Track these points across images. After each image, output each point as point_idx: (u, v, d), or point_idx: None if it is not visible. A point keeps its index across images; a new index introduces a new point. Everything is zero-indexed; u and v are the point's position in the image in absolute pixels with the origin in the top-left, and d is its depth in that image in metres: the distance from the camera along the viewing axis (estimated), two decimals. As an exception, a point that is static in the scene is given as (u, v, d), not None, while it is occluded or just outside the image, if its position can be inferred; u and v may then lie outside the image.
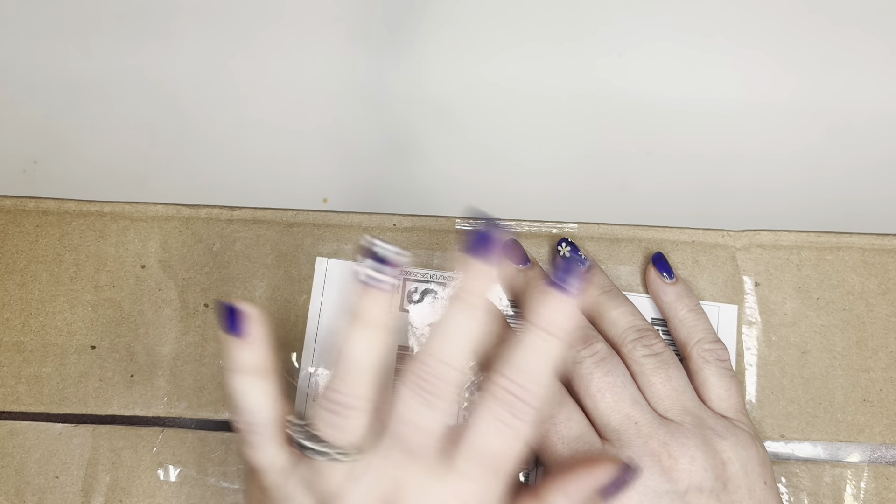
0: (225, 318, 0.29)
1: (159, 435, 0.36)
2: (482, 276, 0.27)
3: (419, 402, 0.27)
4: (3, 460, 0.36)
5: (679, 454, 0.31)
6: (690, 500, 0.30)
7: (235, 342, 0.29)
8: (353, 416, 0.28)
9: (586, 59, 0.51)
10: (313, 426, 0.29)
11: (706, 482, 0.31)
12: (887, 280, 0.36)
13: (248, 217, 0.37)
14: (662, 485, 0.30)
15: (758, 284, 0.37)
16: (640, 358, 0.33)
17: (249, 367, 0.29)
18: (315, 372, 0.36)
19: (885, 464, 0.35)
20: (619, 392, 0.32)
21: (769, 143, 0.49)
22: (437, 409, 0.27)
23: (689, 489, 0.30)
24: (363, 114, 0.51)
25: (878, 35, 0.50)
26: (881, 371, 0.36)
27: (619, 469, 0.29)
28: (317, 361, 0.37)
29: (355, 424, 0.28)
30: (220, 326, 0.30)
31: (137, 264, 0.37)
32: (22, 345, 0.37)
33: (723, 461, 0.31)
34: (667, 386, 0.33)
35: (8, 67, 0.52)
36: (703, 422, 0.32)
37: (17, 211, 0.38)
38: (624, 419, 0.32)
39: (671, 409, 0.32)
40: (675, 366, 0.33)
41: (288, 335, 0.37)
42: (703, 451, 0.31)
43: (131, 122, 0.52)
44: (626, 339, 0.33)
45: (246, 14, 0.53)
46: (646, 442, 0.31)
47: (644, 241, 0.37)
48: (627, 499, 0.30)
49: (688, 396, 0.33)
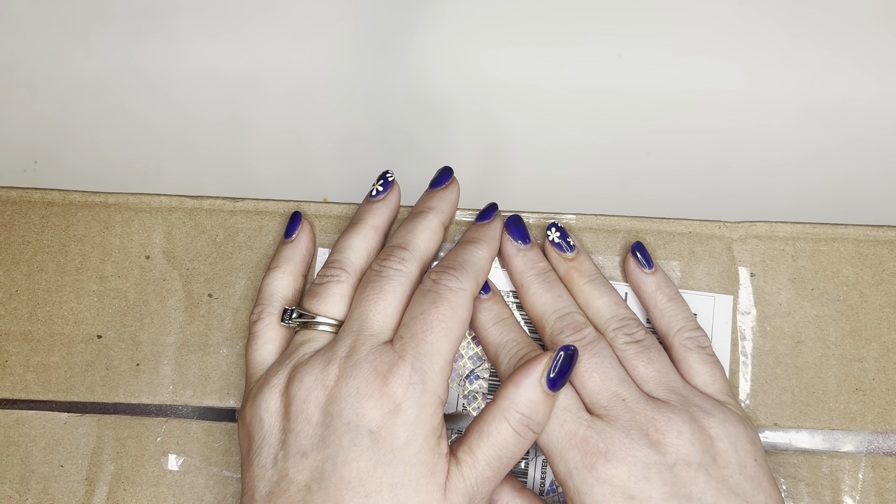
0: (287, 225, 0.37)
1: (164, 425, 0.37)
2: (439, 198, 0.35)
3: (372, 286, 0.33)
4: (9, 449, 0.37)
5: (666, 429, 0.31)
6: (679, 473, 0.31)
7: (284, 242, 0.36)
8: (330, 284, 0.33)
9: (586, 56, 0.52)
10: (301, 306, 0.34)
11: (694, 456, 0.31)
12: (881, 271, 0.37)
13: (250, 208, 0.38)
14: (651, 456, 0.31)
15: (753, 275, 0.37)
16: (621, 345, 0.34)
17: (282, 261, 0.36)
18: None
19: (882, 454, 0.36)
20: (607, 372, 0.33)
21: (766, 138, 0.50)
22: (385, 290, 0.32)
23: (677, 462, 0.31)
24: (363, 111, 0.52)
25: (874, 30, 0.51)
26: (874, 361, 0.36)
27: (558, 352, 0.31)
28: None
29: (331, 290, 0.33)
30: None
31: (142, 255, 0.38)
32: (29, 334, 0.37)
33: (710, 437, 0.32)
34: (649, 368, 0.33)
35: (8, 66, 0.53)
36: (689, 400, 0.33)
37: (23, 202, 0.38)
38: (612, 397, 0.32)
39: (656, 389, 0.33)
40: (656, 349, 0.34)
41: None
42: (690, 426, 0.31)
43: (132, 122, 0.52)
44: (609, 327, 0.34)
45: (247, 12, 0.53)
46: (633, 417, 0.32)
47: (641, 232, 0.37)
48: (616, 469, 0.31)
49: (671, 377, 0.33)
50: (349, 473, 0.29)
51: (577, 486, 0.31)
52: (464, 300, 0.32)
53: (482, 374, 0.37)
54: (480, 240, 0.35)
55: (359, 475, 0.29)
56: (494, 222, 0.36)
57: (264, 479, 0.30)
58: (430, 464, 0.30)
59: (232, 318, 0.37)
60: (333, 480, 0.29)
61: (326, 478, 0.29)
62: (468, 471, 0.30)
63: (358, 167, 0.50)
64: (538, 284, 0.35)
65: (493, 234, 0.35)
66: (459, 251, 0.34)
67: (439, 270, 0.33)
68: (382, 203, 0.36)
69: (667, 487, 0.30)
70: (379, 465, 0.29)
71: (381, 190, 0.36)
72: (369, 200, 0.36)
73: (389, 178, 0.36)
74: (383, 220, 0.35)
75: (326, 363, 0.31)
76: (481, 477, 0.31)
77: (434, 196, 0.36)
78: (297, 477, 0.30)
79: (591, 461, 0.31)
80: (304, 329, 0.33)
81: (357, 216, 0.36)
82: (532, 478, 0.36)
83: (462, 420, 0.36)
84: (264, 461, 0.31)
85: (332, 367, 0.31)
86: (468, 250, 0.34)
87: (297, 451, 0.30)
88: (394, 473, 0.29)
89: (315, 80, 0.52)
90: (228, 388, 0.37)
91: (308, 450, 0.30)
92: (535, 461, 0.36)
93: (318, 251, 0.38)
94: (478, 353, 0.37)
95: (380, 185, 0.36)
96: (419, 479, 0.30)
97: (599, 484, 0.31)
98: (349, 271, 0.34)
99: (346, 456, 0.29)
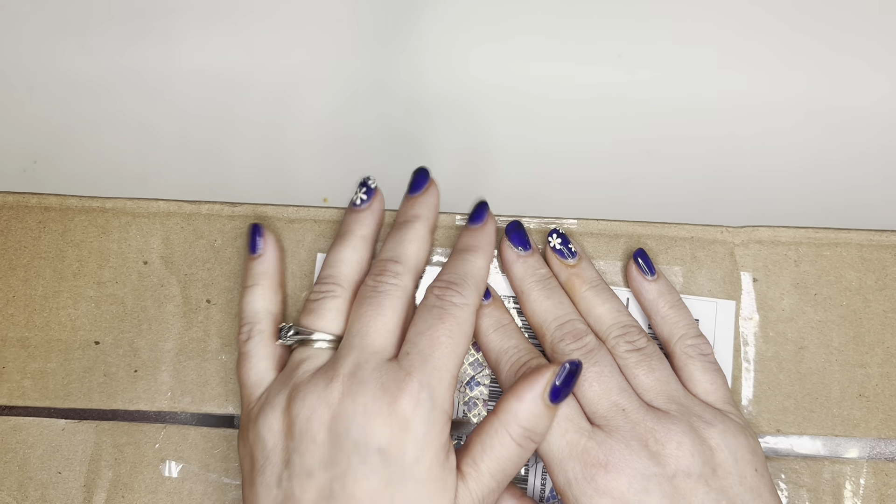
0: (248, 240, 0.36)
1: (162, 431, 0.36)
2: (421, 204, 0.35)
3: (370, 302, 0.32)
4: (7, 455, 0.36)
5: (666, 440, 0.31)
6: (679, 485, 0.31)
7: (251, 258, 0.35)
8: (325, 300, 0.33)
9: (586, 57, 0.52)
10: (297, 323, 0.34)
11: (694, 467, 0.31)
12: (885, 276, 0.37)
13: (249, 213, 0.38)
14: (650, 467, 0.31)
15: (756, 280, 0.37)
16: (623, 353, 0.34)
17: (256, 278, 0.35)
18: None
19: (884, 460, 0.36)
20: (607, 381, 0.32)
21: (768, 141, 0.50)
22: (384, 306, 0.32)
23: (676, 473, 0.31)
24: (363, 112, 0.51)
25: (878, 34, 0.51)
26: (877, 366, 0.36)
27: (562, 366, 0.31)
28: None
29: (327, 306, 0.33)
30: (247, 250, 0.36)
31: (140, 260, 0.38)
32: (26, 340, 0.37)
33: (711, 448, 0.31)
34: (650, 377, 0.33)
35: (7, 67, 0.52)
36: (689, 410, 0.32)
37: (20, 207, 0.38)
38: (612, 406, 0.32)
39: (657, 398, 0.33)
40: (657, 358, 0.34)
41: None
42: (691, 437, 0.31)
43: (131, 122, 0.52)
44: (611, 335, 0.34)
45: (246, 12, 0.53)
46: (633, 427, 0.31)
47: (643, 237, 0.37)
48: (616, 480, 0.31)
49: (672, 386, 0.33)
50: (359, 492, 0.29)
51: (577, 497, 0.31)
52: (468, 315, 0.32)
53: (483, 381, 0.36)
54: (477, 247, 0.35)
55: (370, 493, 0.29)
56: (488, 225, 0.36)
57: (269, 499, 0.30)
58: (440, 480, 0.30)
59: (230, 325, 0.37)
60: (343, 499, 0.29)
61: (335, 497, 0.29)
62: (473, 484, 0.30)
63: (356, 168, 0.50)
64: (539, 291, 0.35)
65: (488, 238, 0.35)
66: (458, 263, 0.34)
67: (442, 286, 0.33)
68: (368, 212, 0.35)
69: (666, 499, 0.30)
70: (390, 482, 0.29)
71: (364, 199, 0.36)
72: (354, 210, 0.36)
73: (371, 184, 0.36)
74: (370, 229, 0.35)
75: (329, 381, 0.31)
76: (486, 489, 0.31)
77: (416, 203, 0.36)
78: (304, 497, 0.29)
79: (591, 472, 0.31)
80: (301, 346, 0.33)
81: (344, 227, 0.35)
82: (532, 485, 0.36)
83: (463, 427, 0.36)
84: (268, 481, 0.30)
85: (336, 384, 0.31)
86: (467, 261, 0.34)
87: (303, 470, 0.30)
88: (405, 491, 0.29)
89: (313, 80, 0.52)
90: (227, 394, 0.36)
91: (314, 469, 0.30)
92: (535, 468, 0.36)
93: (318, 257, 0.37)
94: (478, 360, 0.36)
95: (363, 194, 0.36)
96: (430, 496, 0.29)
97: (599, 495, 0.30)
98: (343, 285, 0.34)
99: (355, 474, 0.29)
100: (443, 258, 0.37)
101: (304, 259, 0.37)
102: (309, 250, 0.37)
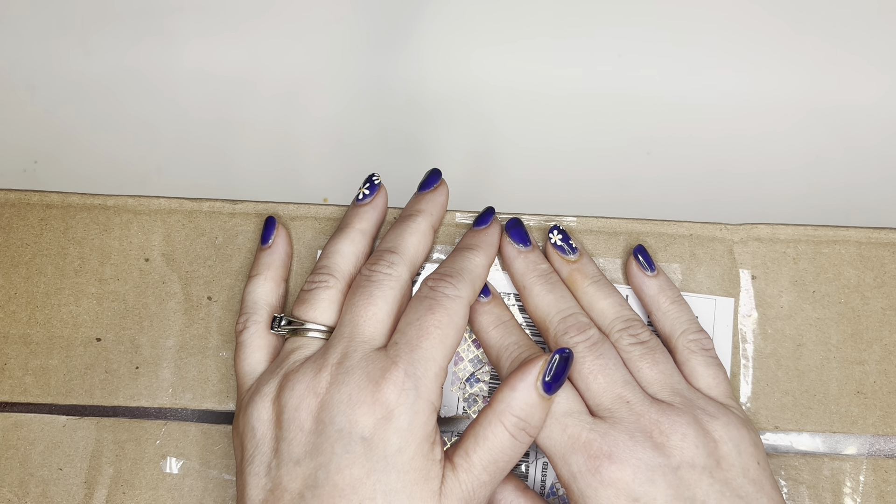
0: (262, 231, 0.36)
1: (163, 428, 0.37)
2: (427, 200, 0.35)
3: (362, 292, 0.32)
4: (8, 452, 0.36)
5: (670, 431, 0.31)
6: (683, 476, 0.31)
7: (261, 249, 0.36)
8: (318, 290, 0.33)
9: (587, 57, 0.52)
10: (291, 313, 0.34)
11: (698, 459, 0.31)
12: (883, 273, 0.37)
13: (250, 210, 0.38)
14: (655, 458, 0.31)
15: (755, 278, 0.37)
16: (626, 346, 0.34)
17: (261, 268, 0.35)
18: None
19: (883, 457, 0.36)
20: (611, 374, 0.33)
21: (767, 140, 0.50)
22: (375, 295, 0.32)
23: (681, 464, 0.31)
24: (364, 112, 0.52)
25: (877, 33, 0.51)
26: (875, 363, 0.36)
27: (553, 355, 0.31)
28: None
29: (320, 296, 0.33)
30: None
31: (141, 257, 0.38)
32: (28, 337, 0.37)
33: (714, 440, 0.32)
34: (654, 370, 0.33)
35: (8, 67, 0.53)
36: (693, 402, 0.33)
37: (22, 204, 0.38)
38: (616, 399, 0.32)
39: (661, 391, 0.33)
40: (661, 351, 0.34)
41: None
42: (695, 428, 0.31)
43: (132, 122, 0.52)
44: (614, 328, 0.34)
45: (246, 12, 0.53)
46: (638, 419, 0.32)
47: (642, 235, 0.37)
48: (621, 471, 0.31)
49: (676, 379, 0.33)
50: (342, 481, 0.29)
51: (582, 490, 0.31)
52: (460, 308, 0.32)
53: (483, 377, 0.36)
54: (477, 246, 0.35)
55: (352, 482, 0.29)
56: (492, 228, 0.36)
57: (258, 488, 0.30)
58: (423, 470, 0.30)
59: (231, 321, 0.37)
60: (327, 488, 0.29)
61: (320, 485, 0.29)
62: (464, 475, 0.30)
63: (358, 168, 0.50)
64: (541, 286, 0.35)
65: (490, 240, 0.35)
66: (456, 258, 0.34)
67: (436, 277, 0.33)
68: (369, 206, 0.35)
69: (671, 490, 0.30)
70: (372, 472, 0.29)
71: (367, 193, 0.36)
72: (356, 204, 0.36)
73: (376, 181, 0.36)
74: (371, 223, 0.35)
75: (318, 370, 0.31)
76: (478, 481, 0.31)
77: (423, 199, 0.36)
78: (291, 485, 0.30)
79: (596, 464, 0.31)
80: (294, 336, 0.33)
81: (344, 220, 0.36)
82: (533, 479, 0.36)
83: (463, 423, 0.36)
84: (257, 469, 0.31)
85: (324, 373, 0.31)
86: (465, 257, 0.34)
87: (290, 459, 0.30)
88: (387, 480, 0.29)
89: (314, 80, 0.52)
90: (228, 391, 0.37)
91: (301, 458, 0.30)
92: (535, 463, 0.36)
93: (317, 255, 0.37)
94: (478, 356, 0.36)
95: (366, 189, 0.36)
96: (413, 486, 0.30)
97: (604, 486, 0.31)
98: (338, 276, 0.34)
99: (339, 463, 0.29)
100: (442, 255, 0.37)
101: (304, 256, 0.38)
102: (309, 247, 0.38)
